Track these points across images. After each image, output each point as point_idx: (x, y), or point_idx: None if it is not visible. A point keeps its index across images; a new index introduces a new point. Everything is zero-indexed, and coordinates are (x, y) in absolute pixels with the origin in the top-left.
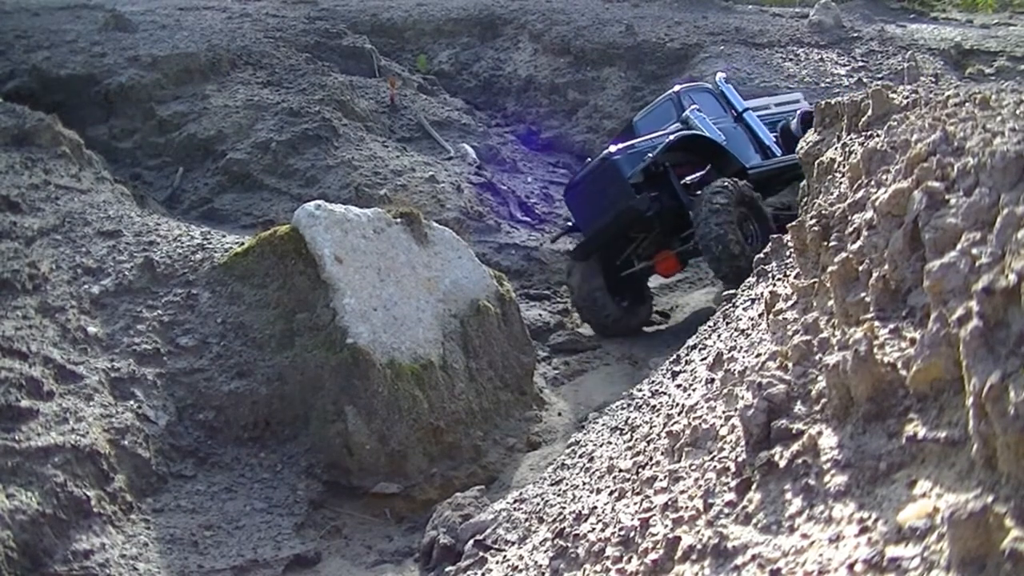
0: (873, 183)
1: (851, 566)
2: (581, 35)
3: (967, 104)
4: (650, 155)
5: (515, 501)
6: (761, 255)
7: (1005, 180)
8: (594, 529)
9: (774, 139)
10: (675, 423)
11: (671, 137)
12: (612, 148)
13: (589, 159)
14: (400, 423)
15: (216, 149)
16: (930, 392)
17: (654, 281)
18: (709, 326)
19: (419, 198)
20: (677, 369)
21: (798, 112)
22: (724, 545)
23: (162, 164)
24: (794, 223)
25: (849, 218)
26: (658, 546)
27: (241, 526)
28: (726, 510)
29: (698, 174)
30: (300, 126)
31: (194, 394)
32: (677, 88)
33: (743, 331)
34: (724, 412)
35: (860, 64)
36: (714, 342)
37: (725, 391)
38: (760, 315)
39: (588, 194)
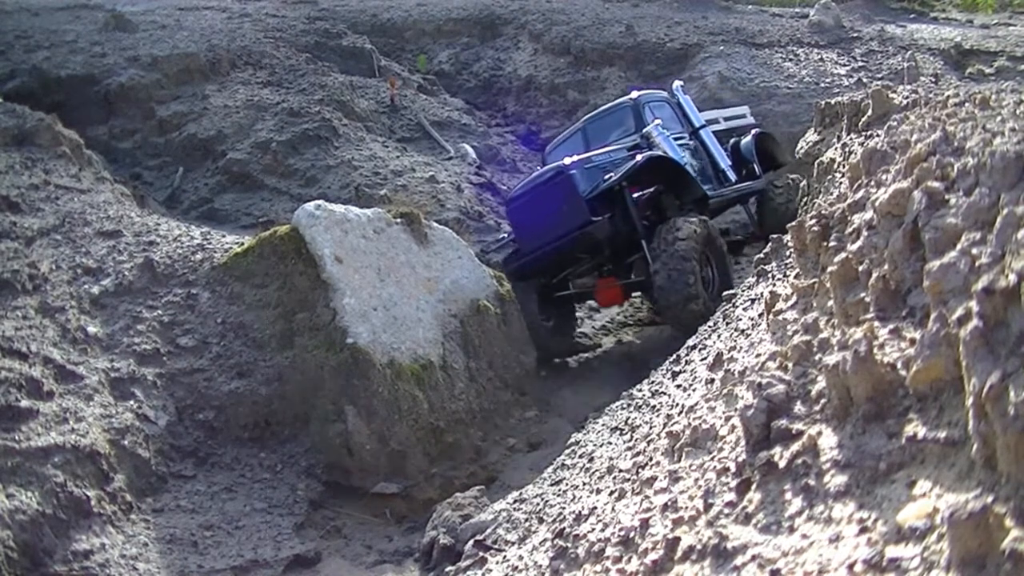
0: (873, 183)
1: (851, 566)
2: (581, 35)
3: (967, 104)
4: (612, 175)
5: (515, 501)
6: (761, 255)
7: (1005, 180)
8: (594, 529)
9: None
10: (675, 423)
11: (639, 159)
12: (567, 160)
13: (539, 167)
14: (400, 423)
15: (216, 149)
16: (930, 392)
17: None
18: (709, 326)
19: (419, 198)
20: (677, 369)
21: (752, 132)
22: (724, 545)
23: (162, 164)
24: (794, 223)
25: (849, 218)
26: (658, 546)
27: (241, 526)
28: (726, 510)
29: (647, 191)
30: (300, 126)
31: (194, 394)
32: (635, 95)
33: (743, 331)
34: (724, 412)
35: (860, 64)
36: (714, 342)
37: (725, 391)
38: (760, 315)
39: (536, 209)
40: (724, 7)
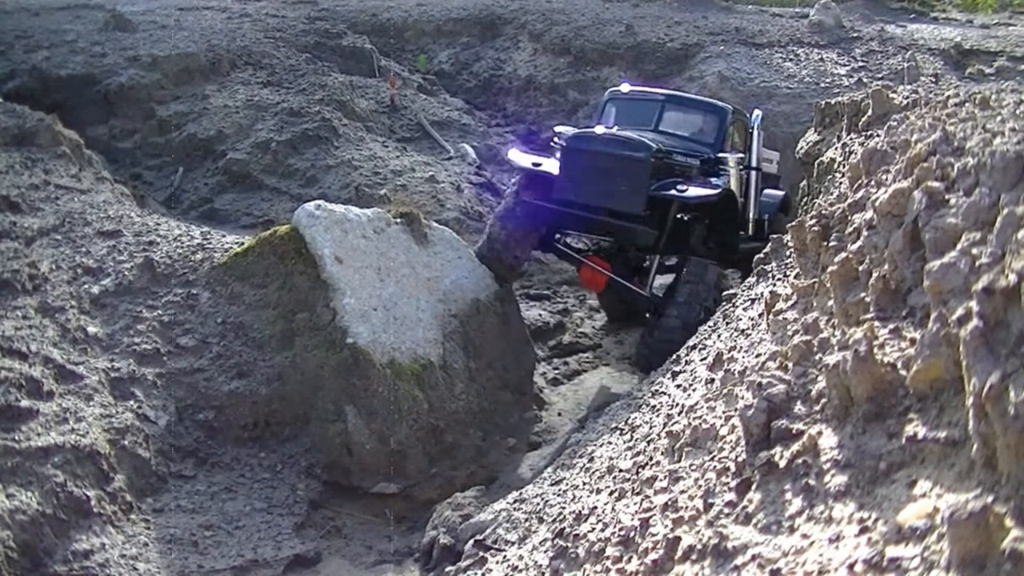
0: (873, 183)
1: (851, 566)
2: (581, 35)
3: (967, 104)
4: (684, 188)
5: (515, 501)
6: (761, 255)
7: (1005, 180)
8: (594, 529)
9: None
10: (675, 423)
11: (716, 192)
12: (648, 141)
13: (615, 128)
14: (400, 423)
15: (216, 149)
16: (930, 392)
17: None
18: (709, 326)
19: (419, 198)
20: (677, 369)
21: (781, 194)
22: (724, 545)
23: (162, 164)
24: (794, 223)
25: (849, 218)
26: (658, 546)
27: (241, 526)
28: (726, 510)
29: (686, 214)
30: (300, 126)
31: (194, 394)
32: (730, 107)
33: (743, 331)
34: (724, 412)
35: (860, 64)
36: (714, 342)
37: (725, 391)
38: (760, 315)
39: (597, 167)
40: (724, 7)
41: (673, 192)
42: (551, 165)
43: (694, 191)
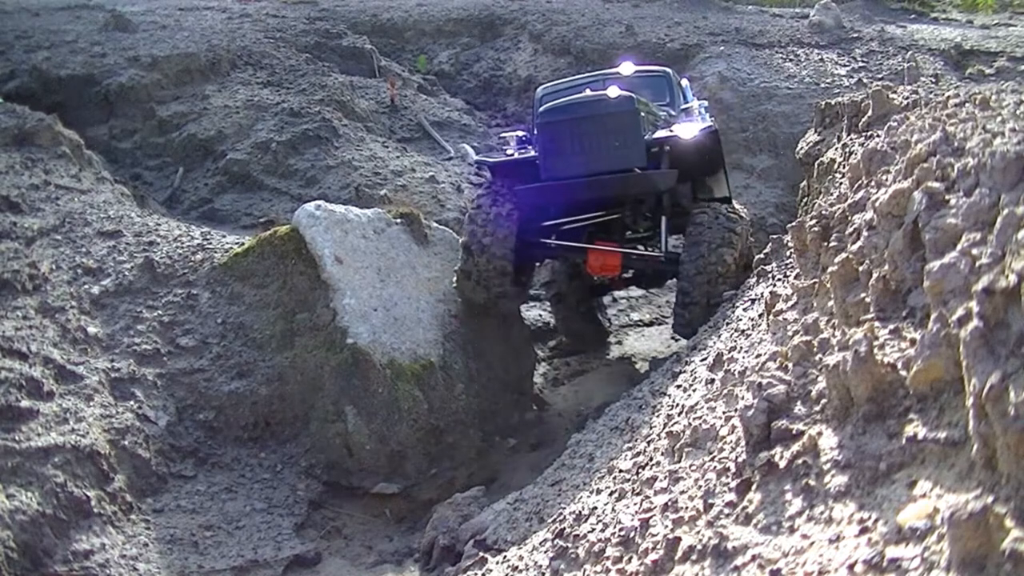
0: (873, 183)
1: (851, 566)
2: (581, 35)
3: (967, 104)
4: (678, 131)
5: (515, 501)
6: (761, 255)
7: (1005, 180)
8: (594, 529)
9: None
10: (675, 423)
11: (710, 125)
12: (631, 93)
13: (592, 89)
14: (400, 423)
15: (216, 149)
16: (930, 392)
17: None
18: (709, 326)
19: (419, 198)
20: (677, 369)
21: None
22: (724, 545)
23: (162, 164)
24: (794, 223)
25: (849, 218)
26: (658, 546)
27: (241, 526)
28: (726, 510)
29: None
30: (300, 126)
31: (194, 394)
32: (668, 68)
33: (743, 331)
34: (724, 412)
35: (860, 64)
36: (714, 342)
37: (725, 391)
38: (760, 315)
39: (584, 134)
40: (724, 7)
41: (670, 133)
42: (525, 153)
43: (689, 129)
